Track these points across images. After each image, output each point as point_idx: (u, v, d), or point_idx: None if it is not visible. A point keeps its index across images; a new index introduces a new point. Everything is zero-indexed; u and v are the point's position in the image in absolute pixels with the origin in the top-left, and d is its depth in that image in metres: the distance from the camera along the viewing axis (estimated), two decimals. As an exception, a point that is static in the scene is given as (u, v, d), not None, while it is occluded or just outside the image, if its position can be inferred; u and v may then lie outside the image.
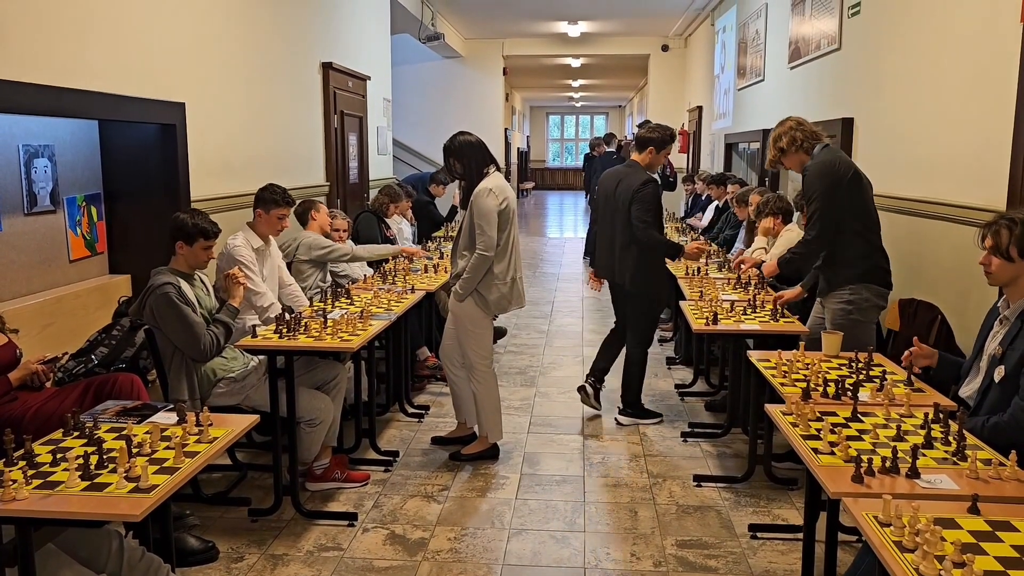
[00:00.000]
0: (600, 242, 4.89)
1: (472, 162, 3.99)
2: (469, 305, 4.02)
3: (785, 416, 2.59)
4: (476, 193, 3.93)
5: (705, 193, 8.72)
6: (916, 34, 4.36)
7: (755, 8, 8.37)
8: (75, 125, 4.08)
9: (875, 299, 3.72)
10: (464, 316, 4.06)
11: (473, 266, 3.92)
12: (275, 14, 5.72)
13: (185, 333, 3.35)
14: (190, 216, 3.52)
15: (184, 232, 3.47)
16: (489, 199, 3.89)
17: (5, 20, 3.14)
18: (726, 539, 3.36)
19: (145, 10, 4.06)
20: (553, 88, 23.43)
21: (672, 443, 4.46)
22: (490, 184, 3.93)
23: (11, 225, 3.65)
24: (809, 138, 3.82)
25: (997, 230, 2.67)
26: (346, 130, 7.30)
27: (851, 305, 3.69)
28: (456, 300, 4.04)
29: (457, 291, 4.01)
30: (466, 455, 4.18)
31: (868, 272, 3.70)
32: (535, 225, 17.91)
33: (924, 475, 2.12)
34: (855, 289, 3.69)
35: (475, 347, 4.09)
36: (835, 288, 3.74)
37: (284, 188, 4.38)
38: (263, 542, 3.32)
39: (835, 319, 3.71)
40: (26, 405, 2.96)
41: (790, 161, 3.89)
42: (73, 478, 2.08)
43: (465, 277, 3.95)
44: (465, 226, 4.01)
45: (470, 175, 4.00)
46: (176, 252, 3.52)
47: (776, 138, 3.91)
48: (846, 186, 3.68)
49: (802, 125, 3.86)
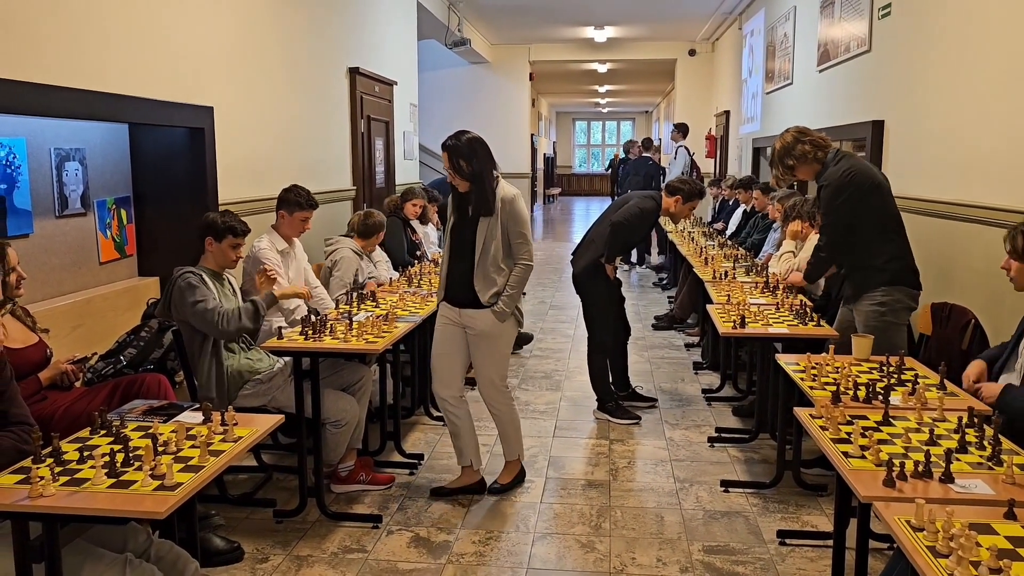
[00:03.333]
0: None
1: (485, 163, 3.55)
2: (510, 322, 3.67)
3: (814, 419, 2.54)
4: (510, 200, 3.57)
5: (732, 198, 8.65)
6: (948, 35, 4.29)
7: (783, 11, 8.30)
8: (105, 129, 4.13)
9: (907, 300, 3.66)
10: (501, 335, 3.67)
11: (518, 279, 3.61)
12: (304, 20, 5.76)
13: (201, 306, 3.37)
14: (220, 215, 3.63)
15: (214, 228, 3.57)
16: (522, 204, 3.63)
17: (39, 26, 3.19)
18: (754, 545, 3.31)
19: (175, 15, 4.11)
20: (579, 94, 23.41)
21: (699, 448, 4.41)
22: (513, 191, 3.63)
23: (43, 227, 3.70)
24: (817, 147, 3.70)
25: (1015, 235, 2.76)
26: (373, 135, 7.34)
27: (884, 307, 3.63)
28: (499, 320, 3.61)
29: (503, 310, 3.59)
30: (504, 485, 3.84)
31: (899, 274, 3.65)
32: (561, 230, 17.87)
33: (958, 480, 2.07)
34: (888, 291, 3.63)
35: (502, 367, 3.76)
36: (867, 291, 3.68)
37: (308, 190, 4.40)
38: (288, 543, 3.32)
39: (868, 321, 3.65)
40: (55, 404, 2.99)
41: (803, 173, 3.79)
42: (99, 475, 2.09)
43: (510, 293, 3.59)
44: (496, 236, 3.56)
45: (483, 179, 3.54)
46: (205, 249, 3.61)
47: (781, 156, 3.76)
48: (868, 192, 3.62)
49: (806, 135, 3.73)
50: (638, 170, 10.97)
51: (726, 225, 8.36)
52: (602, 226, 4.86)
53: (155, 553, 2.33)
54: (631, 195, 5.05)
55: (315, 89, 6.04)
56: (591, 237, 4.91)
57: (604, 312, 4.91)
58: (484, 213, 3.54)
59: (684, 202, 4.92)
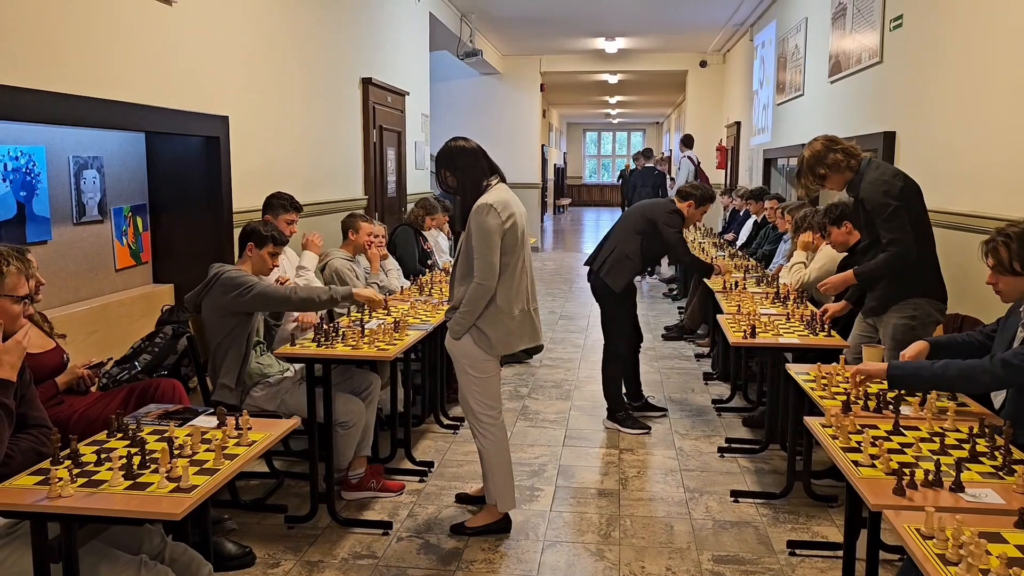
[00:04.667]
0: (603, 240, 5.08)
1: (467, 173, 3.33)
2: (467, 344, 3.32)
3: (825, 428, 2.55)
4: (475, 210, 3.25)
5: (743, 208, 8.66)
6: (960, 45, 4.30)
7: (794, 23, 8.32)
8: (123, 137, 4.18)
9: (936, 314, 3.59)
10: (462, 356, 3.36)
11: (470, 298, 3.25)
12: (318, 30, 5.82)
13: (261, 287, 3.55)
14: (263, 224, 3.85)
15: (257, 235, 3.76)
16: (489, 217, 3.21)
17: (59, 36, 3.25)
18: (764, 555, 3.31)
19: (191, 27, 4.17)
20: (590, 104, 23.46)
21: (709, 458, 4.41)
22: (491, 199, 3.25)
23: (60, 234, 3.75)
24: (850, 155, 3.61)
25: (995, 247, 2.67)
26: (384, 145, 7.39)
27: (915, 320, 3.54)
28: (452, 337, 3.35)
29: (452, 327, 3.33)
30: (471, 528, 3.48)
31: (929, 286, 3.58)
32: (571, 241, 17.91)
33: (969, 489, 2.07)
34: (919, 304, 3.55)
35: (478, 394, 3.38)
36: (897, 302, 3.58)
37: (291, 195, 4.58)
38: (299, 549, 3.34)
39: (896, 335, 3.53)
40: (72, 408, 3.02)
41: (833, 182, 3.67)
42: (116, 477, 2.12)
43: (461, 311, 3.28)
44: (463, 249, 3.33)
45: (464, 189, 3.33)
46: (245, 254, 3.79)
47: (812, 165, 3.62)
48: (915, 196, 3.56)
49: (836, 143, 3.62)
50: (645, 180, 11.38)
51: (736, 236, 8.36)
52: (632, 242, 4.83)
53: (169, 555, 2.36)
54: (643, 205, 5.14)
55: (328, 99, 6.09)
56: (626, 253, 4.82)
57: (623, 322, 4.97)
58: (461, 224, 3.37)
59: (696, 207, 4.95)
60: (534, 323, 3.42)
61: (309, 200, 5.52)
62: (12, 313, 2.53)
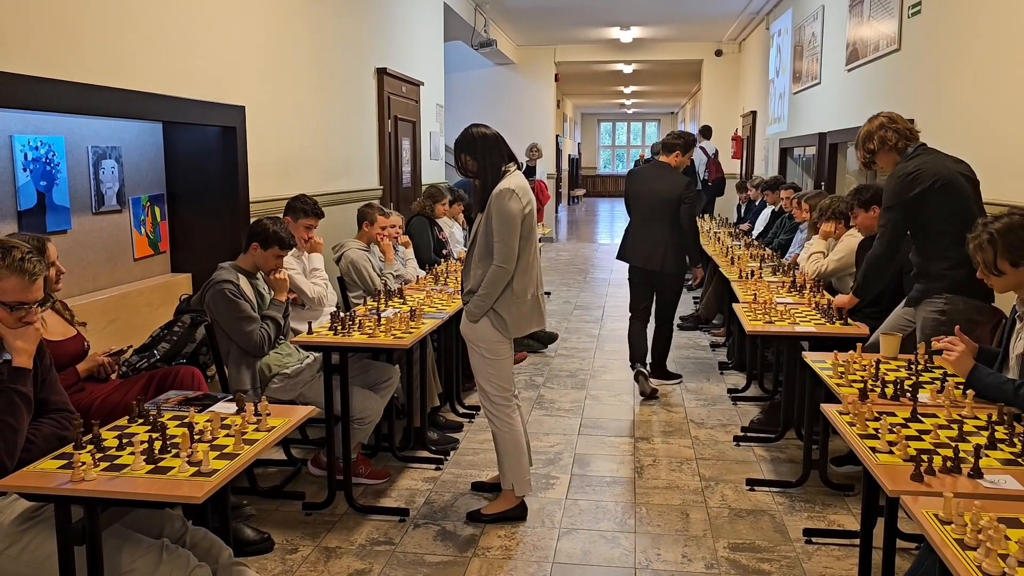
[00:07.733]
0: (638, 236, 5.47)
1: (488, 159, 3.39)
2: (484, 326, 3.38)
3: (842, 415, 2.54)
4: (496, 195, 3.32)
5: (759, 199, 8.61)
6: (979, 32, 4.25)
7: (811, 11, 8.25)
8: (140, 127, 4.21)
9: (971, 312, 3.35)
10: (478, 340, 3.43)
11: (490, 281, 3.32)
12: (333, 21, 5.83)
13: (239, 328, 3.54)
14: (272, 223, 3.74)
15: (263, 235, 3.69)
16: (511, 202, 3.29)
17: (79, 27, 3.27)
18: (780, 543, 3.31)
19: (208, 17, 4.19)
20: (605, 95, 23.39)
21: (724, 447, 4.41)
22: (511, 184, 3.34)
23: (80, 224, 3.79)
24: (903, 137, 3.52)
25: (980, 244, 2.67)
26: (399, 135, 7.40)
27: (944, 316, 3.37)
28: (469, 320, 3.42)
29: (471, 310, 3.39)
30: (487, 515, 3.51)
31: (963, 282, 3.31)
32: (586, 231, 17.88)
33: (987, 475, 2.06)
34: (950, 299, 3.38)
35: (493, 377, 3.45)
36: (929, 296, 3.47)
37: (315, 200, 4.47)
38: (317, 535, 3.37)
39: (925, 328, 3.43)
40: (92, 395, 3.06)
41: (882, 161, 3.61)
42: (138, 462, 2.14)
43: (480, 294, 3.34)
44: (480, 233, 3.39)
45: (485, 174, 3.40)
46: (248, 251, 3.73)
47: (865, 139, 3.59)
48: (932, 194, 3.39)
49: (894, 123, 3.54)
50: None
51: (752, 226, 8.33)
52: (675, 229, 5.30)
53: (190, 540, 2.39)
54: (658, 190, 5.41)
55: (344, 89, 6.11)
56: (675, 241, 5.30)
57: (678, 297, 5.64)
58: (480, 208, 3.44)
59: (683, 154, 5.47)
60: (541, 308, 3.51)
61: (325, 190, 5.55)
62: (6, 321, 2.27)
